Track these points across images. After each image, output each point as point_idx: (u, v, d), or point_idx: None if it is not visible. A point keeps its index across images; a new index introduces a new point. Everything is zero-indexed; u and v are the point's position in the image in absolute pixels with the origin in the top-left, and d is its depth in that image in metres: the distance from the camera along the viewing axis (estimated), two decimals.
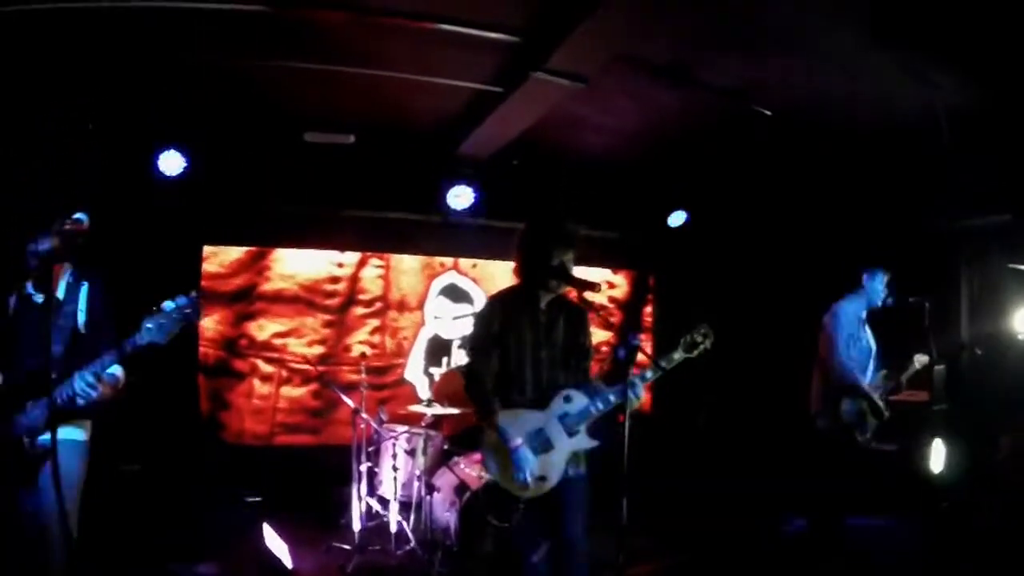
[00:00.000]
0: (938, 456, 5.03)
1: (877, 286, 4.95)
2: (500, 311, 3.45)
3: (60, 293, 3.21)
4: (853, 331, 4.90)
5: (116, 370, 3.12)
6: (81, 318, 3.14)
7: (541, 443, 3.31)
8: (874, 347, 4.99)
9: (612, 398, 3.32)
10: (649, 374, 3.36)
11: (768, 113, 5.02)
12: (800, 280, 6.53)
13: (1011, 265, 4.39)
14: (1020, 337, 5.07)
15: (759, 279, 7.25)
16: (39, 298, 3.19)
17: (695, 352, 3.43)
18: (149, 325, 2.92)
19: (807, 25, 3.96)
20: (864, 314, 4.99)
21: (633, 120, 5.59)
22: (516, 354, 3.39)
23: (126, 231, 5.36)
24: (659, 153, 6.33)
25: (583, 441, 3.36)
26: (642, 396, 3.24)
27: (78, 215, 2.94)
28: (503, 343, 3.41)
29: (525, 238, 3.48)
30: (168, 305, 2.93)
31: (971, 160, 4.99)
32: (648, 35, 4.10)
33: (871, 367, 4.94)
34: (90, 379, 2.95)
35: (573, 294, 3.44)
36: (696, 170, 6.75)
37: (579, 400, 3.37)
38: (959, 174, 5.10)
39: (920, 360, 4.93)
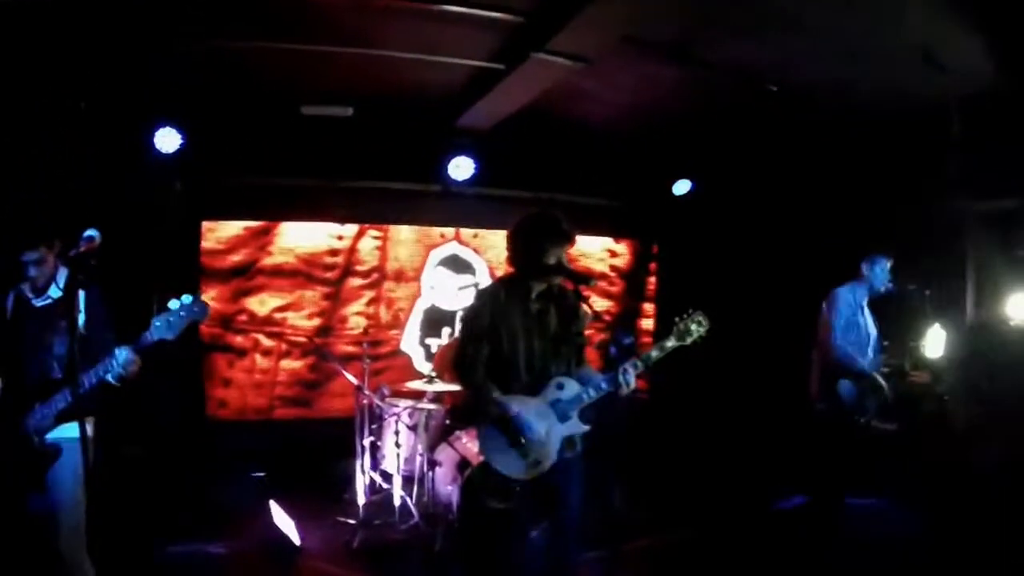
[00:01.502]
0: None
1: (879, 272, 5.10)
2: (490, 304, 3.60)
3: (56, 293, 3.37)
4: (851, 317, 5.06)
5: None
6: (81, 318, 3.25)
7: None
8: (874, 333, 5.16)
9: (604, 386, 3.50)
10: (640, 364, 3.49)
11: (774, 89, 5.12)
12: (804, 255, 6.67)
13: (1022, 252, 4.55)
14: (1014, 323, 5.26)
15: (764, 251, 7.39)
16: (37, 301, 3.37)
17: (689, 340, 3.57)
18: (158, 323, 3.10)
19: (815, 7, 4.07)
20: (865, 301, 5.15)
21: (637, 93, 5.69)
22: (509, 343, 3.56)
23: (124, 211, 5.47)
24: (663, 123, 6.43)
25: (575, 426, 3.56)
26: (633, 385, 3.41)
27: (89, 232, 3.04)
28: (495, 334, 3.57)
29: (520, 234, 3.58)
30: (174, 304, 3.10)
31: (980, 144, 5.08)
32: (654, 18, 4.20)
33: (870, 353, 5.11)
34: (127, 355, 3.11)
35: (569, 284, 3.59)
36: (701, 140, 6.86)
37: (571, 387, 3.55)
38: (967, 158, 5.19)
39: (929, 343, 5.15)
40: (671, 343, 3.56)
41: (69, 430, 3.27)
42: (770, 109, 5.61)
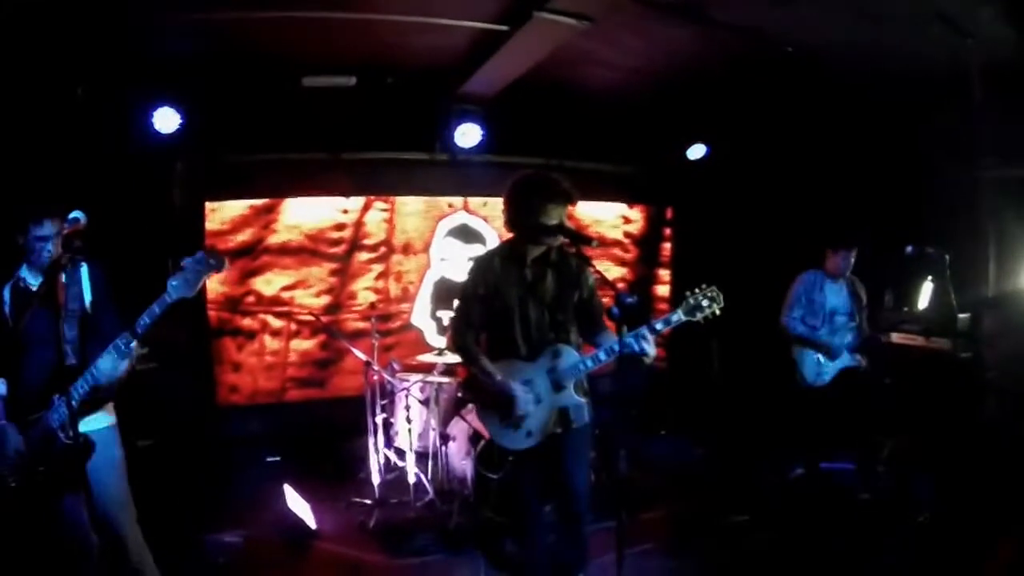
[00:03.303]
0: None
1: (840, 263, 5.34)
2: (482, 274, 3.56)
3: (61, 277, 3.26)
4: (804, 298, 5.42)
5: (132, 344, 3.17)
6: (88, 298, 3.24)
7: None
8: (833, 308, 5.37)
9: (602, 356, 3.43)
10: (643, 333, 3.34)
11: (790, 50, 5.00)
12: (819, 220, 6.55)
13: None
14: None
15: (780, 215, 7.27)
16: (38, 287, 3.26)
17: (699, 316, 3.40)
18: (175, 283, 3.01)
19: None
20: (830, 281, 5.41)
21: (647, 55, 5.56)
22: (503, 311, 3.51)
23: (126, 196, 5.44)
24: (676, 86, 6.30)
25: (569, 397, 3.49)
26: (648, 350, 3.28)
27: (74, 214, 3.01)
28: (490, 302, 3.52)
29: (515, 194, 3.48)
30: (187, 261, 3.03)
31: (1000, 111, 4.99)
32: None
33: (824, 329, 5.36)
34: (112, 359, 3.05)
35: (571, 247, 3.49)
36: (716, 103, 6.71)
37: (568, 356, 3.49)
38: (987, 125, 5.11)
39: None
40: (676, 317, 3.41)
41: (96, 421, 3.25)
42: (786, 72, 5.47)
